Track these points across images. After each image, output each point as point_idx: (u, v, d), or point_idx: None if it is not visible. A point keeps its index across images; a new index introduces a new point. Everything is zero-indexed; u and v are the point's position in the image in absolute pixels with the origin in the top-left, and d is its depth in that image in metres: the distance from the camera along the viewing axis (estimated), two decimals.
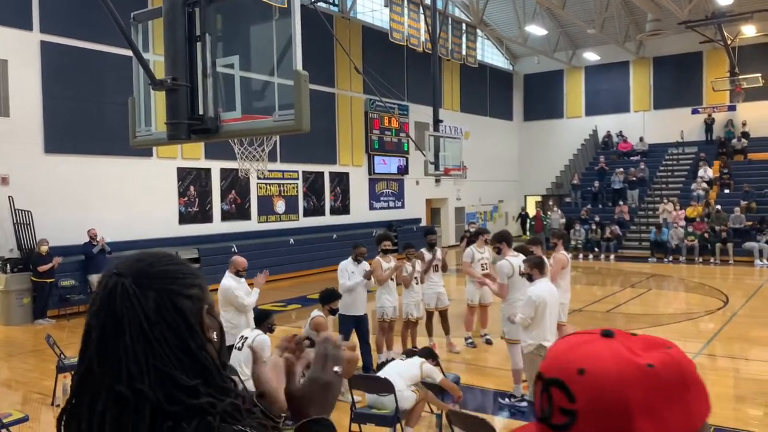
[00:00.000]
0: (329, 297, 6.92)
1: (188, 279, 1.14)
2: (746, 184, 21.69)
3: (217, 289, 6.94)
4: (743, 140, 24.40)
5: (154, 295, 1.07)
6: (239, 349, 6.06)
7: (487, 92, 28.69)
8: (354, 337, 7.70)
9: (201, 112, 4.28)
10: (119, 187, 14.39)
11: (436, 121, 16.54)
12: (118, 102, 11.36)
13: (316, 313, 6.78)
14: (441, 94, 22.82)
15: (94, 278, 12.67)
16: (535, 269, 6.23)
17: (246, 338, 6.08)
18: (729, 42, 21.95)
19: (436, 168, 15.06)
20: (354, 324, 7.58)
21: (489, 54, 28.95)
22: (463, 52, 24.45)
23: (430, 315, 8.95)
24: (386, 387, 5.12)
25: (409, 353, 6.87)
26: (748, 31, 22.71)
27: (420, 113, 22.64)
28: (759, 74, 22.06)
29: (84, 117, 13.74)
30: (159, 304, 1.07)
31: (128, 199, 14.58)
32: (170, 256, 1.18)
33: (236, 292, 6.81)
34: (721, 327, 10.57)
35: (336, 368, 1.22)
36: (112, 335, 1.05)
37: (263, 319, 6.20)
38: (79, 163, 13.72)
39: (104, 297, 1.07)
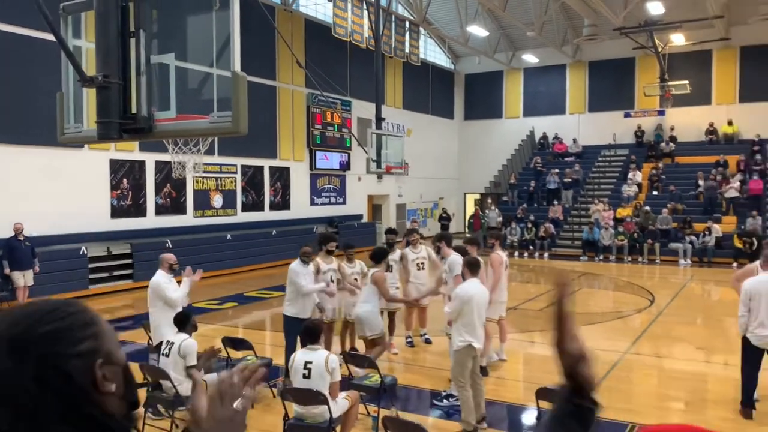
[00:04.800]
0: (380, 255, 7.77)
1: (77, 333, 1.05)
2: (673, 186, 22.69)
3: (147, 287, 7.06)
4: (671, 144, 25.48)
5: (34, 364, 0.99)
6: (166, 355, 5.91)
7: (429, 90, 28.92)
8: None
9: (134, 110, 4.13)
10: (48, 179, 13.75)
11: (379, 119, 16.54)
12: (47, 90, 10.84)
13: (374, 269, 7.61)
14: (384, 91, 22.85)
15: (17, 275, 12.11)
16: (466, 268, 6.34)
17: (173, 343, 5.94)
18: (660, 49, 22.85)
19: (378, 166, 15.05)
20: (300, 327, 7.49)
21: (432, 53, 29.18)
22: (407, 50, 24.55)
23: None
24: (318, 399, 5.07)
25: (347, 356, 6.88)
26: (678, 39, 23.69)
27: (363, 109, 22.61)
28: (687, 81, 23.06)
29: (10, 105, 13.05)
30: (40, 373, 0.99)
31: (57, 191, 13.96)
32: (55, 308, 1.07)
33: (165, 285, 6.78)
34: (648, 326, 11.01)
35: (236, 404, 1.22)
36: None
37: (186, 322, 6.07)
38: (2, 153, 13.04)
39: None
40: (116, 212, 15.51)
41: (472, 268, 6.30)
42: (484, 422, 6.15)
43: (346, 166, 23.33)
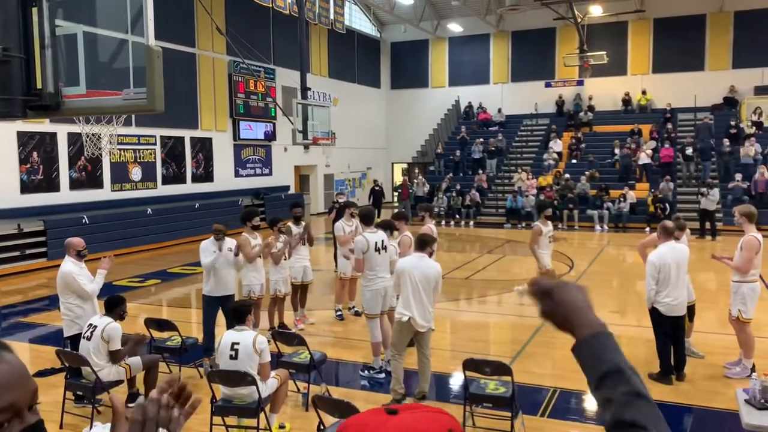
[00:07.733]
0: (248, 215, 7.95)
1: None
2: (591, 155, 23.53)
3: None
4: (589, 114, 26.35)
5: None
6: (88, 338, 5.68)
7: (355, 59, 28.62)
8: (221, 318, 7.48)
9: (39, 86, 3.84)
10: None
11: (304, 89, 16.26)
12: None
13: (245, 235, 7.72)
14: (309, 59, 22.43)
15: None
16: (414, 242, 6.52)
17: (95, 327, 5.70)
18: (579, 20, 23.42)
19: (305, 137, 14.84)
20: (220, 305, 7.33)
21: (357, 20, 28.80)
22: (331, 17, 24.14)
23: (296, 289, 8.90)
24: (246, 380, 4.99)
25: (275, 333, 6.83)
26: (596, 10, 24.35)
27: (287, 77, 22.14)
28: (604, 52, 23.82)
29: None
30: None
31: None
32: None
33: (77, 277, 6.10)
34: None
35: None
36: None
37: (115, 306, 5.83)
38: None
39: None
40: (26, 188, 14.65)
41: (416, 243, 6.36)
42: (425, 399, 6.17)
43: (271, 136, 22.88)
